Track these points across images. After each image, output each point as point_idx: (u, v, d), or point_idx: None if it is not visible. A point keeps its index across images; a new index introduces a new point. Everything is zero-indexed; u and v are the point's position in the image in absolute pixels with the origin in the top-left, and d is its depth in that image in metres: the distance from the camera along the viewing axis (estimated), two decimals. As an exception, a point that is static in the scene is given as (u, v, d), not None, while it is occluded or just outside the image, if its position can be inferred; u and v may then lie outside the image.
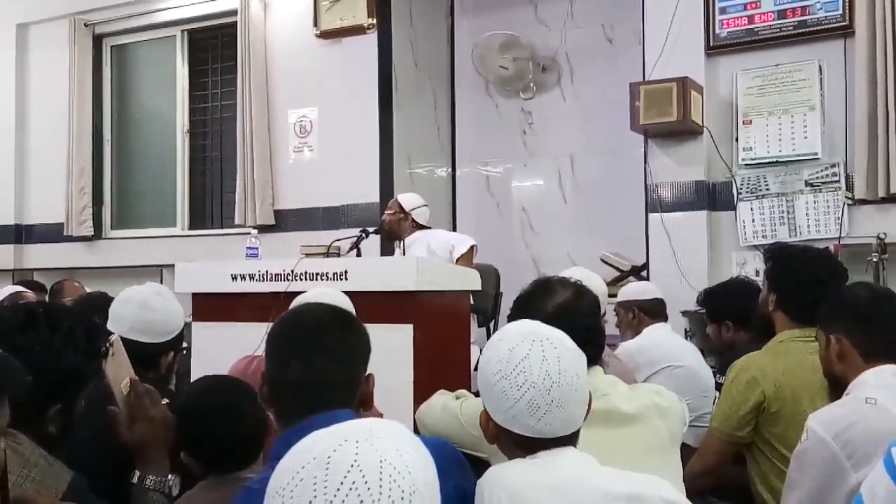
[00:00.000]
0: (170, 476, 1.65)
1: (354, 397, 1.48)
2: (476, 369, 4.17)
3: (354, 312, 2.27)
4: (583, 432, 1.40)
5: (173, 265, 3.51)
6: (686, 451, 1.98)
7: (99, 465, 1.58)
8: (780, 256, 2.50)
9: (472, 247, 4.26)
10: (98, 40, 6.61)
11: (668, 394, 1.82)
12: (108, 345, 1.69)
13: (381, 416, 2.15)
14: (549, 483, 1.28)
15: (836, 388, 1.96)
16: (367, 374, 1.55)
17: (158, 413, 1.70)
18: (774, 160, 4.25)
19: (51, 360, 1.49)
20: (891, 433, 1.26)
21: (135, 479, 1.62)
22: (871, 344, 1.88)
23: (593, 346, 1.56)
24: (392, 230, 4.41)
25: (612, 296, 3.63)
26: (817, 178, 4.22)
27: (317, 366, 1.44)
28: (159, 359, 2.08)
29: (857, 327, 1.89)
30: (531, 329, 1.41)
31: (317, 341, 1.46)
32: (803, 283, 2.30)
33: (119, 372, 1.71)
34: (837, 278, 2.35)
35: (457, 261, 4.16)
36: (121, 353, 1.74)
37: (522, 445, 1.36)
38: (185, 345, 2.20)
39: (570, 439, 1.38)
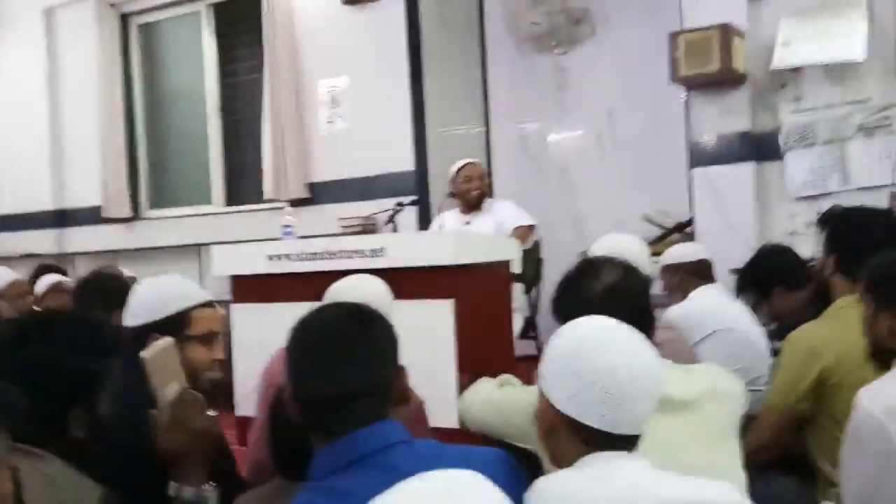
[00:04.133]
0: (206, 486, 1.59)
1: (390, 398, 1.41)
2: (521, 337, 4.14)
3: (391, 296, 2.22)
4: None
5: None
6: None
7: (131, 474, 1.53)
8: (838, 218, 2.41)
9: (532, 225, 4.44)
10: (124, 19, 6.58)
11: (726, 375, 1.74)
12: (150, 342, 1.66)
13: (421, 402, 2.09)
14: (603, 496, 1.20)
15: (881, 353, 1.86)
16: (398, 366, 1.47)
17: (201, 424, 1.61)
18: (815, 64, 4.01)
19: (50, 369, 1.45)
20: None
21: (172, 492, 1.56)
22: None
23: (644, 328, 1.47)
24: (479, 199, 4.50)
25: (656, 254, 3.52)
26: (870, 121, 4.02)
27: (345, 380, 1.35)
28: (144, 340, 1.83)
29: None
30: (612, 322, 1.37)
31: (341, 353, 1.37)
32: (863, 245, 2.17)
33: (164, 375, 1.64)
34: None
35: (514, 230, 4.31)
36: (167, 356, 1.67)
37: (584, 439, 1.27)
38: (189, 333, 2.00)
39: (631, 442, 1.30)
